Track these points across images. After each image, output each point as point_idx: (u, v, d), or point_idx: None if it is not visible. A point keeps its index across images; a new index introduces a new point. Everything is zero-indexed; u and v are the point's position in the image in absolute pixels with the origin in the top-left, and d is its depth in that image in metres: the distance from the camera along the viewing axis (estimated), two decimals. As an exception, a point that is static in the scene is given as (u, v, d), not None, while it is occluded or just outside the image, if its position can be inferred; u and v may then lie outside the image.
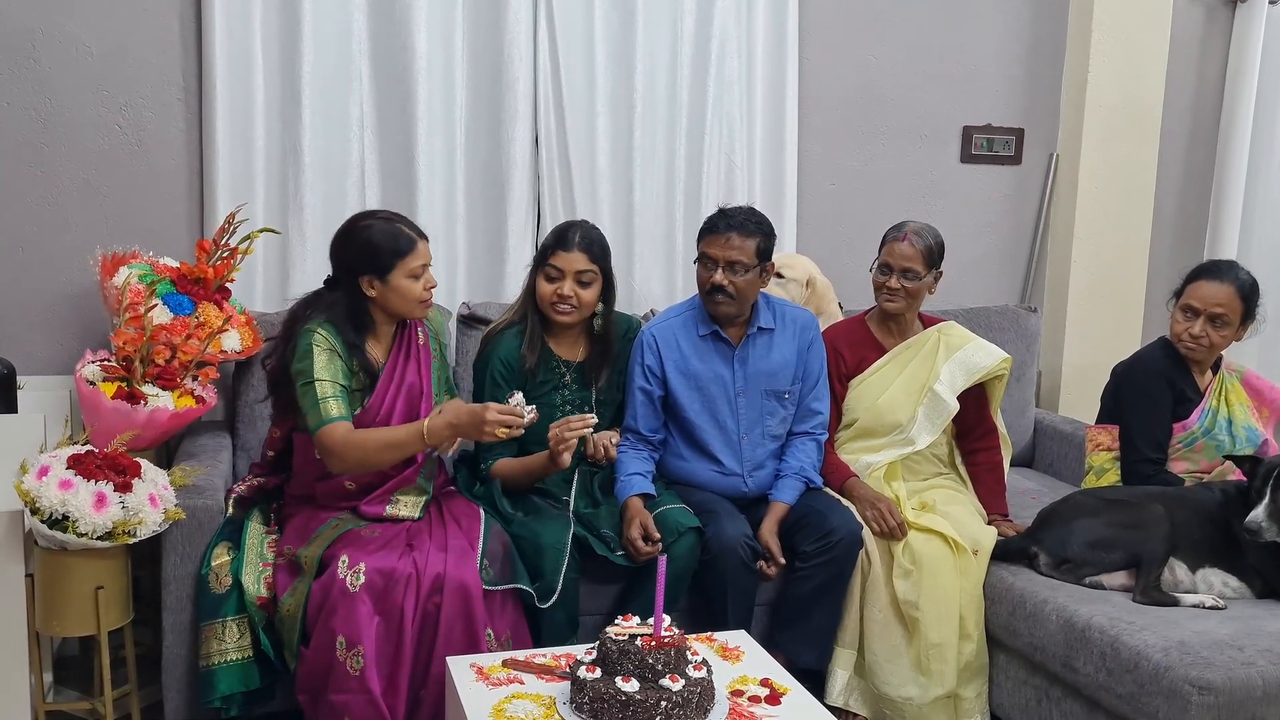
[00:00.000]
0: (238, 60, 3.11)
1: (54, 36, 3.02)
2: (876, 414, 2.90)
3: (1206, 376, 2.89)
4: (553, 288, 2.67)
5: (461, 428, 2.41)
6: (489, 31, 3.31)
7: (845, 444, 2.95)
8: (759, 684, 2.01)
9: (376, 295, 2.48)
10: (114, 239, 3.03)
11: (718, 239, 2.71)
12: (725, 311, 2.76)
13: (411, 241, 2.47)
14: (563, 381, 2.78)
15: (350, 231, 2.49)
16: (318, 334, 2.42)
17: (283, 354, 2.47)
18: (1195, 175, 4.17)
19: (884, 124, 3.79)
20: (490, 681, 1.99)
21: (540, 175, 3.43)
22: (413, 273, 2.46)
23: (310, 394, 2.40)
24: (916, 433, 2.85)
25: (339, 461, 2.40)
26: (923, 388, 2.87)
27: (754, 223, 2.72)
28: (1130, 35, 3.80)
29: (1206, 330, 2.77)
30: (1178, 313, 2.83)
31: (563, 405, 2.77)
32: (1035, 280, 4.01)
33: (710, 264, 2.72)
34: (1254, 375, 2.99)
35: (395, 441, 2.41)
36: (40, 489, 2.24)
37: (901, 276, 2.85)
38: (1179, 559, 2.52)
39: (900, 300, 2.87)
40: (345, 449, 2.37)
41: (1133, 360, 2.96)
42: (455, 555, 2.38)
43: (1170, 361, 2.86)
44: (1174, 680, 2.13)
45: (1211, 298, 2.77)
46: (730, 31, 3.52)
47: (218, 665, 2.39)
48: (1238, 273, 2.82)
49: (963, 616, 2.63)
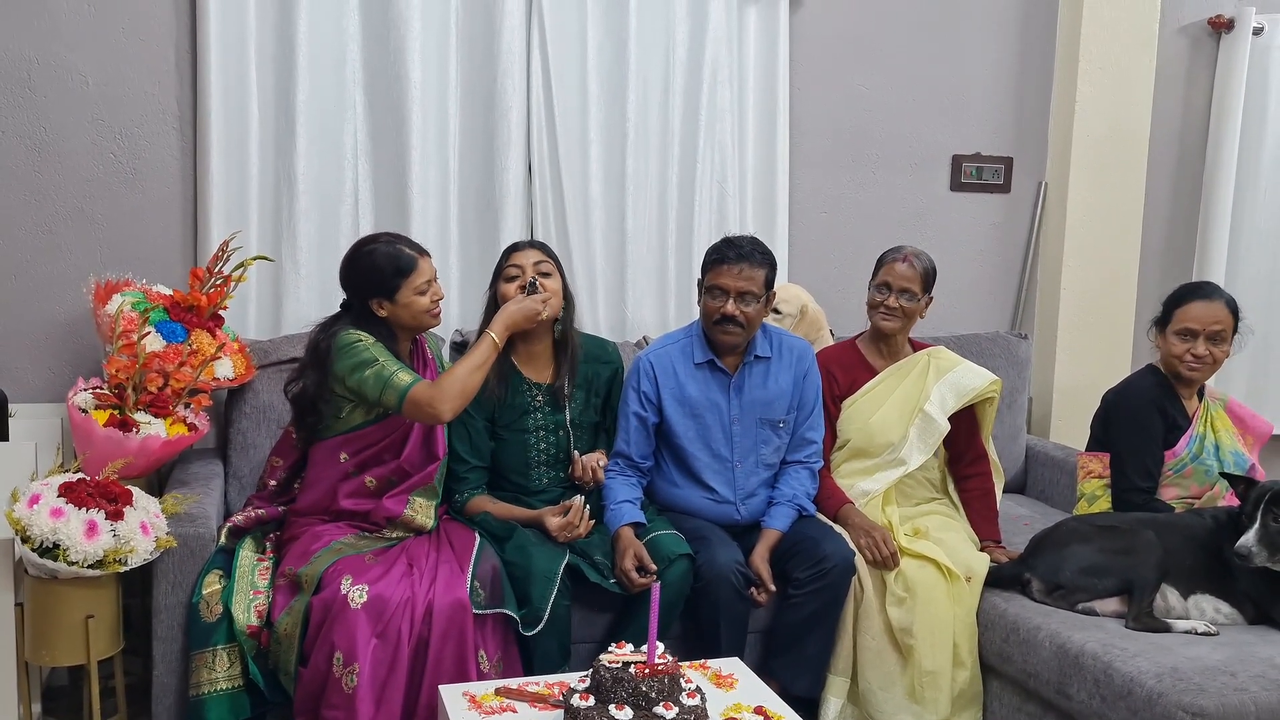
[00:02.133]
0: (233, 89, 3.13)
1: (50, 65, 3.04)
2: (869, 434, 2.92)
3: (1193, 402, 2.91)
4: (514, 285, 2.71)
5: (514, 320, 2.58)
6: (482, 60, 3.34)
7: (839, 465, 2.96)
8: (753, 712, 2.00)
9: (388, 315, 2.56)
10: (107, 266, 3.04)
11: (729, 269, 2.71)
12: (734, 341, 2.77)
13: (413, 260, 2.55)
14: (534, 404, 2.79)
15: (354, 259, 2.58)
16: (355, 332, 2.50)
17: (319, 374, 2.53)
18: (1182, 203, 4.21)
19: (874, 152, 3.82)
20: (483, 710, 1.98)
21: (533, 203, 3.45)
22: (418, 289, 2.55)
23: (379, 374, 2.45)
24: (908, 453, 2.86)
25: (443, 404, 2.43)
26: (914, 408, 2.89)
27: (761, 253, 2.74)
28: (1117, 66, 3.85)
29: (1209, 349, 2.81)
30: (1173, 337, 2.85)
31: (535, 430, 2.78)
32: (1025, 307, 4.04)
33: (720, 295, 2.73)
34: (1236, 404, 3.02)
35: (477, 361, 2.50)
36: (31, 517, 2.24)
37: (900, 296, 2.89)
38: (1171, 585, 2.53)
39: (897, 320, 2.90)
40: (442, 391, 2.44)
41: (1122, 388, 2.97)
42: (447, 577, 2.40)
43: (1160, 389, 2.88)
44: (1167, 706, 2.12)
45: (1209, 317, 2.82)
46: (722, 61, 3.56)
47: (208, 695, 2.38)
48: (1220, 290, 2.91)
49: (956, 644, 2.63)
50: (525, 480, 2.79)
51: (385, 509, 2.58)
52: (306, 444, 2.66)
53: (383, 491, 2.60)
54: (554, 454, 2.80)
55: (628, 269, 3.53)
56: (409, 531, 2.61)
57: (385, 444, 2.60)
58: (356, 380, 2.47)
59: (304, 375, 2.59)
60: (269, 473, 2.78)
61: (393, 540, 2.58)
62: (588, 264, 3.47)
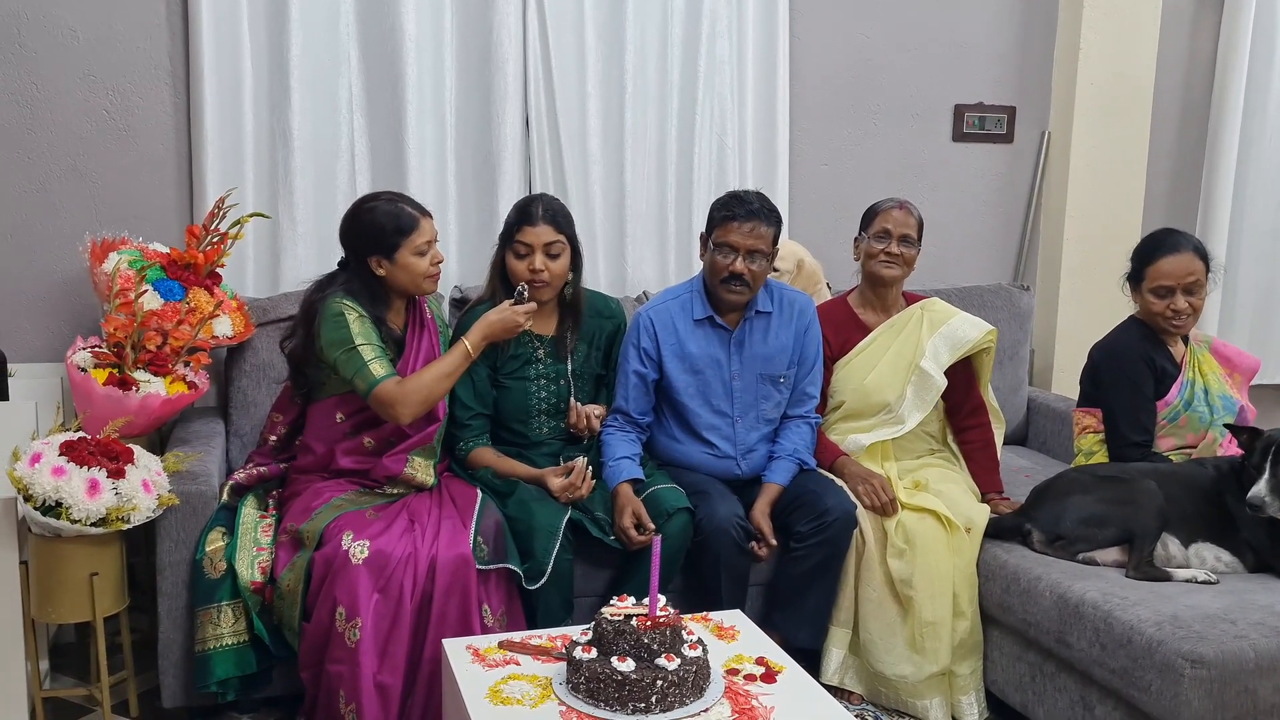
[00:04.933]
0: (225, 44, 3.09)
1: (40, 21, 3.00)
2: (864, 394, 2.90)
3: (1179, 348, 2.89)
4: (524, 264, 2.68)
5: (493, 331, 2.55)
6: (478, 12, 3.29)
7: (834, 425, 2.95)
8: (754, 663, 2.01)
9: (386, 274, 2.54)
10: (103, 225, 3.02)
11: (740, 227, 2.68)
12: (741, 299, 2.75)
13: (414, 220, 2.53)
14: (536, 356, 2.78)
15: (356, 215, 2.56)
16: (345, 303, 2.49)
17: (307, 334, 2.53)
18: (1187, 153, 4.17)
19: (876, 103, 3.78)
20: (486, 663, 1.99)
21: (531, 157, 3.42)
22: (418, 250, 2.53)
23: (355, 359, 2.46)
24: (906, 410, 2.85)
25: (404, 408, 2.45)
26: (909, 365, 2.86)
27: (770, 210, 2.71)
28: (1122, 12, 3.79)
29: (1188, 301, 2.77)
30: (1149, 295, 2.80)
31: (537, 379, 2.78)
32: (1028, 259, 4.01)
33: (729, 252, 2.69)
34: (1221, 343, 2.98)
35: (447, 369, 2.51)
36: (33, 476, 2.24)
37: (900, 243, 2.87)
38: (1171, 534, 2.53)
39: (898, 267, 2.89)
40: (406, 395, 2.45)
41: (1108, 343, 2.91)
42: (450, 533, 2.41)
43: (1146, 341, 2.84)
44: (1167, 654, 2.14)
45: (1182, 269, 2.76)
46: (721, 10, 3.51)
47: (213, 650, 2.40)
48: (1187, 237, 2.83)
49: (956, 594, 2.64)
50: (525, 429, 2.79)
51: (384, 467, 2.58)
52: (305, 400, 2.67)
53: (381, 451, 2.60)
54: (554, 403, 2.80)
55: (627, 224, 3.51)
56: (409, 488, 2.61)
57: None
58: (333, 357, 2.48)
59: (295, 333, 2.59)
60: (269, 428, 2.78)
61: (393, 496, 2.58)
62: (587, 219, 3.44)
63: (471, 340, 2.53)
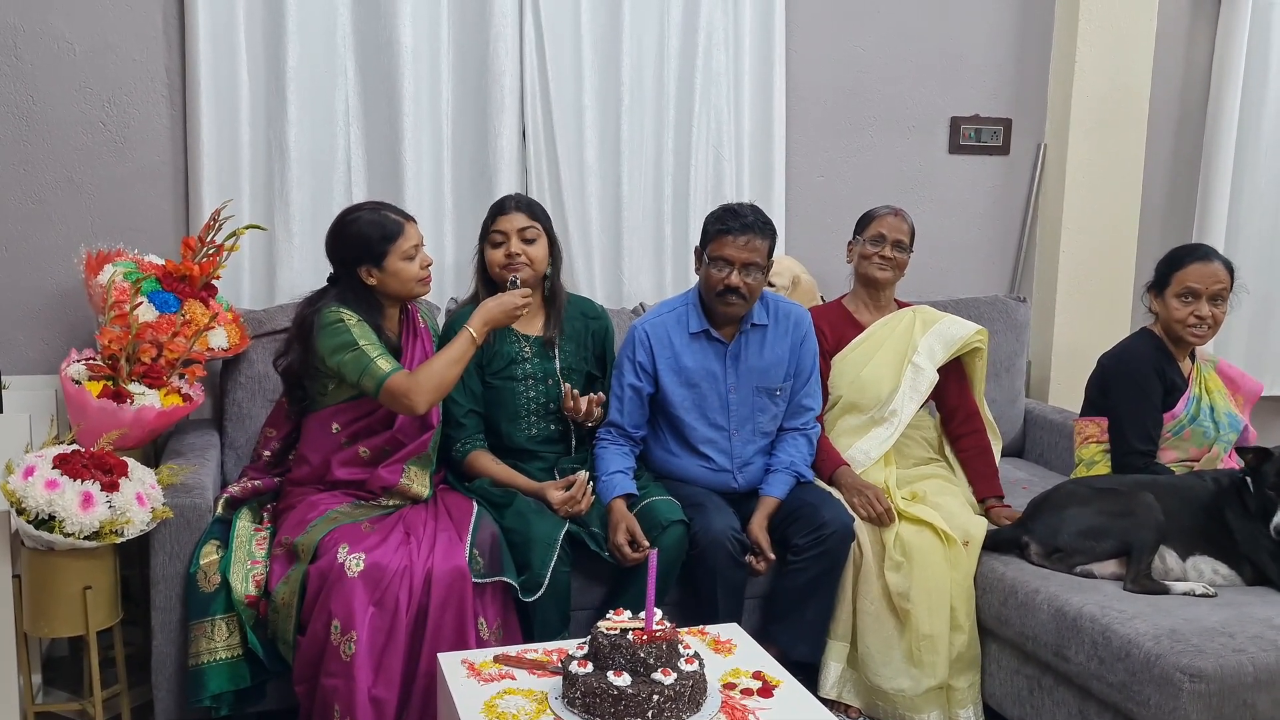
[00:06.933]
0: (222, 56, 3.09)
1: (36, 33, 2.99)
2: (860, 386, 2.93)
3: (1187, 364, 2.91)
4: (500, 251, 2.72)
5: (492, 316, 2.55)
6: (475, 24, 3.29)
7: (833, 424, 2.97)
8: (751, 677, 2.00)
9: (376, 283, 2.55)
10: (98, 237, 3.01)
11: (735, 241, 2.68)
12: (737, 313, 2.75)
13: (399, 225, 2.54)
14: (523, 355, 2.79)
15: (340, 228, 2.57)
16: (341, 310, 2.49)
17: (304, 348, 2.53)
18: (1183, 164, 4.18)
19: (872, 115, 3.78)
20: (482, 677, 1.98)
21: (527, 169, 3.41)
22: (406, 254, 2.54)
23: (360, 359, 2.45)
24: (900, 402, 2.87)
25: (419, 396, 2.44)
26: (904, 359, 2.92)
27: (765, 223, 2.72)
28: (1117, 24, 3.80)
29: (1211, 310, 2.80)
30: (1173, 300, 2.82)
31: (525, 379, 2.78)
32: (1024, 270, 4.02)
33: (724, 266, 2.69)
34: (1226, 364, 3.04)
35: (454, 356, 2.50)
36: (26, 489, 2.23)
37: (893, 247, 2.93)
38: (1169, 547, 2.53)
39: (890, 270, 2.95)
40: (419, 383, 2.45)
41: (1119, 352, 2.95)
42: (446, 545, 2.40)
43: (1158, 352, 2.87)
44: (1165, 668, 2.13)
45: (1210, 277, 2.80)
46: (717, 23, 3.51)
47: (207, 664, 2.38)
48: (1216, 251, 2.90)
49: (954, 607, 2.63)
50: (515, 429, 2.78)
51: (380, 478, 2.58)
52: (299, 416, 2.66)
53: (377, 461, 2.60)
54: (543, 404, 2.79)
55: (623, 236, 3.50)
56: (405, 500, 2.60)
57: (377, 416, 2.59)
58: (336, 362, 2.47)
59: (290, 350, 2.59)
60: (263, 444, 2.77)
61: (389, 509, 2.58)
62: (583, 231, 3.44)
63: (473, 325, 2.53)
